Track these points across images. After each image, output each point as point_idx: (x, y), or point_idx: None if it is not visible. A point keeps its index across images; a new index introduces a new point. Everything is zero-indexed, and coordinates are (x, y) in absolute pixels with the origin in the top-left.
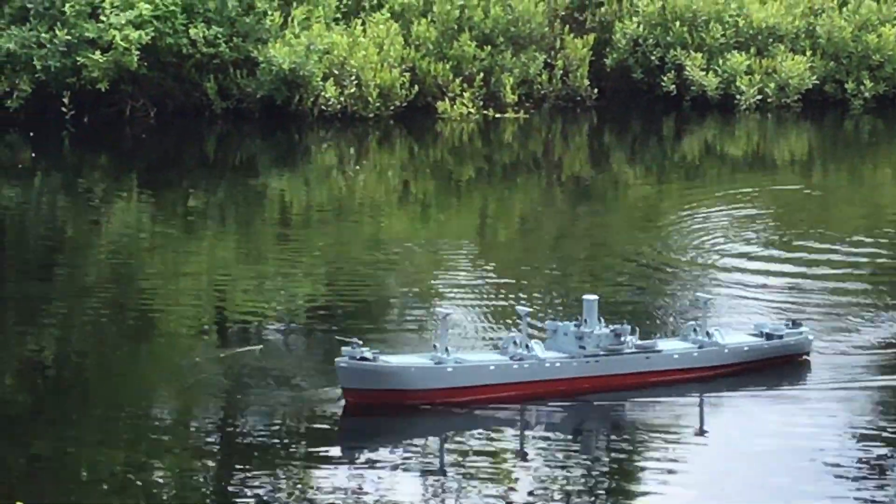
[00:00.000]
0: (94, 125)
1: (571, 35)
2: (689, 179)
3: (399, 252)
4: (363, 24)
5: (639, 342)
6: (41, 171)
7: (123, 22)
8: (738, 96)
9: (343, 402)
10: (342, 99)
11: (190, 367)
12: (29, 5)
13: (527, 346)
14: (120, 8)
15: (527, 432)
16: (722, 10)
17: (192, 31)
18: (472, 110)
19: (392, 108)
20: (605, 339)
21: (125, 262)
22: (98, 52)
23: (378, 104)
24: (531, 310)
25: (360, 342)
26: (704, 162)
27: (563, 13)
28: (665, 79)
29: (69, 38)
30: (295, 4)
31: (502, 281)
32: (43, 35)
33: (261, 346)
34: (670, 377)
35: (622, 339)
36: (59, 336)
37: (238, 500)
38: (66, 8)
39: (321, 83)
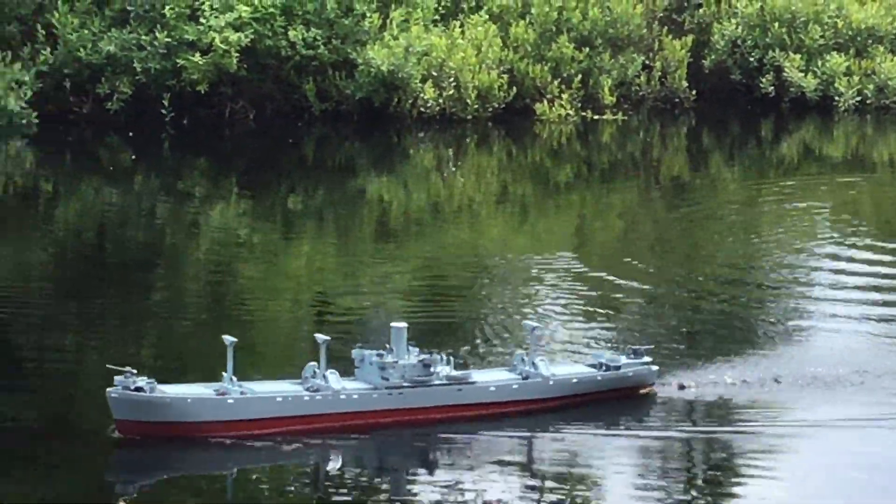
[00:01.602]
0: (193, 127)
1: (670, 36)
2: (786, 180)
3: (494, 257)
4: (462, 25)
5: (451, 373)
6: (141, 173)
7: (223, 24)
8: (836, 98)
9: (115, 434)
10: (441, 101)
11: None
12: (129, 8)
13: (324, 377)
14: (219, 10)
15: (316, 467)
16: (821, 11)
17: (291, 34)
18: (570, 112)
19: (490, 109)
20: (411, 369)
21: (223, 263)
22: (198, 55)
23: (476, 106)
24: (336, 336)
25: (135, 371)
26: (802, 163)
27: (662, 14)
28: (763, 80)
29: (169, 40)
30: (394, 6)
31: (594, 294)
32: (143, 37)
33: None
34: (486, 411)
35: (431, 369)
36: (159, 335)
37: None
38: (166, 10)
39: (420, 85)
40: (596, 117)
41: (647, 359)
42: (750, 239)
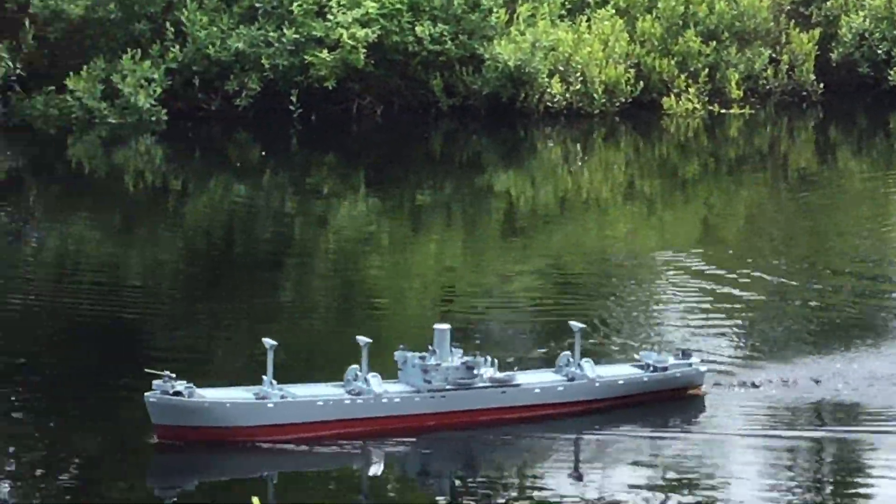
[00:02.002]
0: (321, 123)
1: (797, 29)
2: None
3: (619, 254)
4: (588, 20)
5: (495, 375)
6: (269, 169)
7: (350, 20)
8: None
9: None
10: (567, 96)
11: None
12: (258, 5)
13: (365, 380)
14: (347, 6)
15: (358, 472)
16: None
17: (418, 29)
18: (697, 106)
19: (617, 104)
20: (455, 371)
21: (352, 258)
22: (325, 51)
23: (603, 100)
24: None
25: (173, 375)
26: None
27: (789, 7)
28: (892, 73)
29: (297, 36)
30: (520, 1)
31: (724, 291)
32: (271, 34)
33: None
34: (531, 413)
35: (474, 371)
36: (286, 332)
37: None
38: (294, 7)
39: (547, 80)
40: (723, 111)
41: (694, 360)
42: (879, 233)
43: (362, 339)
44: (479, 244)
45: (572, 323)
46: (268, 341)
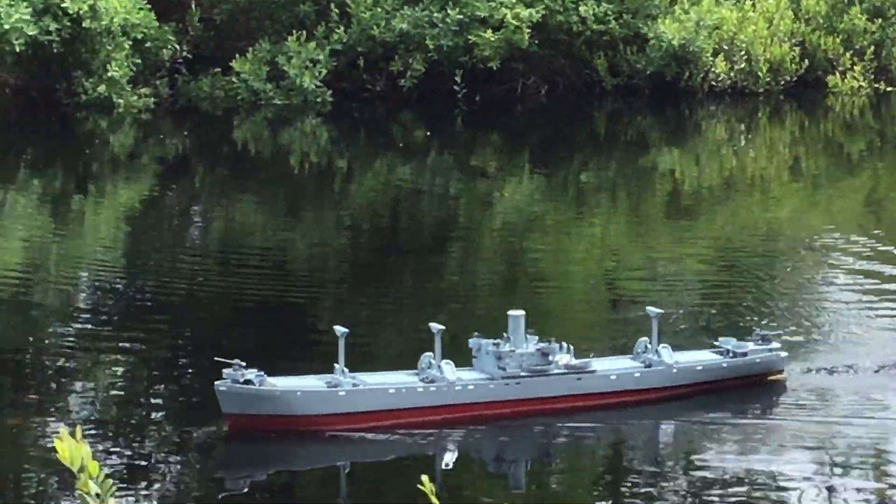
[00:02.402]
0: (485, 103)
1: None
2: None
3: (782, 236)
4: None
5: (571, 362)
6: (434, 150)
7: (514, 0)
8: None
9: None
10: (732, 74)
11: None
12: None
13: (439, 367)
14: None
15: (435, 460)
16: None
17: (581, 9)
18: (862, 84)
19: (782, 82)
20: (529, 358)
21: (517, 239)
22: (489, 31)
23: (768, 79)
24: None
25: (244, 363)
26: None
27: None
28: None
29: (461, 17)
30: None
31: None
32: (435, 15)
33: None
34: (607, 400)
35: (549, 358)
36: (450, 312)
37: None
38: None
39: (711, 59)
40: (889, 89)
41: (775, 345)
42: None
43: (435, 326)
44: (643, 225)
45: (650, 308)
46: (339, 329)
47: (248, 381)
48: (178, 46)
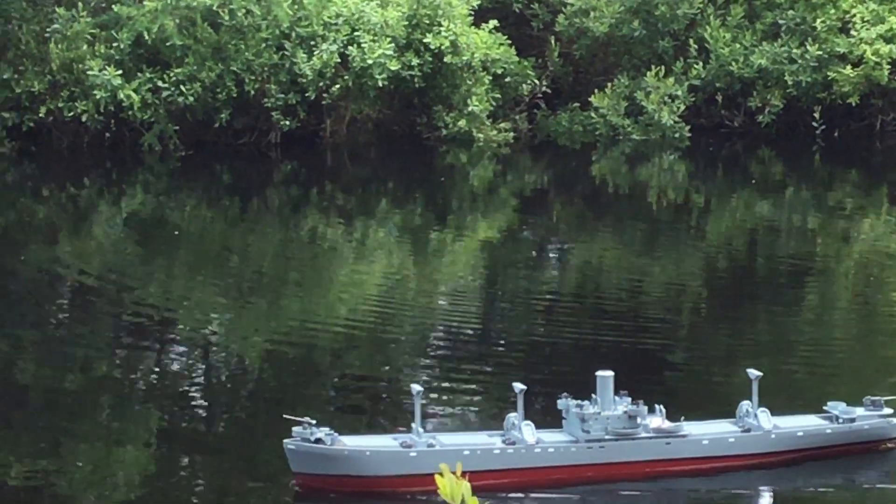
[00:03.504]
0: (844, 139)
1: None
2: None
3: None
4: None
5: (662, 426)
6: (792, 185)
7: (874, 36)
8: None
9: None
10: None
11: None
12: (780, 21)
13: (520, 429)
14: (870, 22)
15: None
16: None
17: None
18: None
19: None
20: (616, 421)
21: (873, 278)
22: (848, 67)
23: None
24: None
25: (314, 422)
26: None
27: None
28: None
29: (820, 53)
30: None
31: None
32: (794, 51)
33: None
34: (698, 466)
35: (637, 421)
36: (808, 354)
37: None
38: (818, 23)
39: None
40: None
41: (887, 410)
42: None
43: (518, 386)
44: None
45: (750, 370)
46: (415, 387)
47: (318, 440)
48: (537, 81)
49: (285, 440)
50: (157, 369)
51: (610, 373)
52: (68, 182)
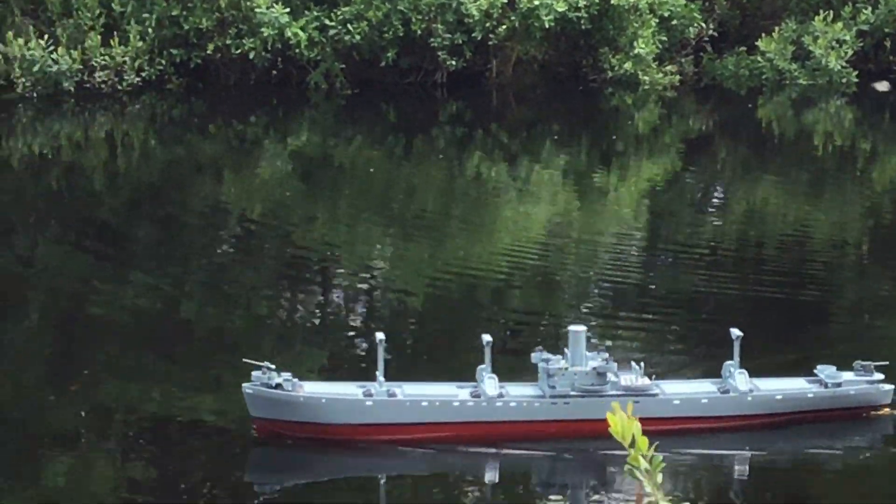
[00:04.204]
0: None
1: None
2: None
3: None
4: None
5: (635, 383)
6: None
7: None
8: None
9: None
10: None
11: None
12: None
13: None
14: None
15: (458, 478)
16: None
17: None
18: None
19: None
20: (582, 377)
21: None
22: None
23: None
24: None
25: (273, 366)
26: None
27: None
28: None
29: None
30: None
31: None
32: None
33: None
34: (670, 426)
35: (605, 378)
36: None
37: None
38: None
39: None
40: None
41: (877, 376)
42: None
43: (485, 338)
44: None
45: (732, 330)
46: (379, 335)
47: (278, 386)
48: (704, 24)
49: (244, 384)
50: (318, 308)
51: (582, 327)
52: (234, 119)
